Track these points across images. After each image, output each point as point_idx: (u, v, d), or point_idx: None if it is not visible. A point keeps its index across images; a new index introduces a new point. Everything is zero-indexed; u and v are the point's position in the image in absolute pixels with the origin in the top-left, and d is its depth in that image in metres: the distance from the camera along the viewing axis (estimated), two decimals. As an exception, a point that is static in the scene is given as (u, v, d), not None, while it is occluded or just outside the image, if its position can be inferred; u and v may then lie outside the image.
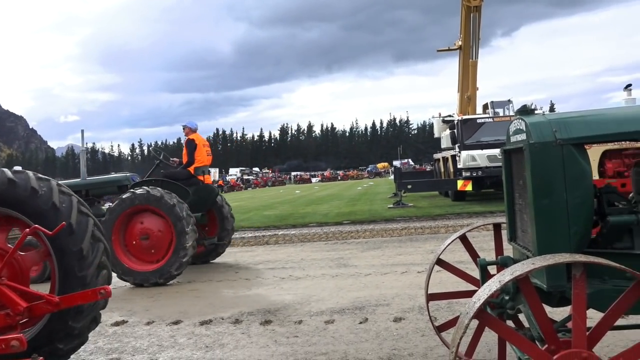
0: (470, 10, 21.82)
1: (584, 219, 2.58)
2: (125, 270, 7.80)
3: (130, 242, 8.02)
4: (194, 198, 8.70)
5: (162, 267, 7.70)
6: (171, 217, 7.72)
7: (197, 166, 8.91)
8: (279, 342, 4.66)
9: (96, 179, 10.21)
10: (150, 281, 7.67)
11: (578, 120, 2.71)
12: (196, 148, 8.95)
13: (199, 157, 8.96)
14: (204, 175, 9.00)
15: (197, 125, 9.42)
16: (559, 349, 2.14)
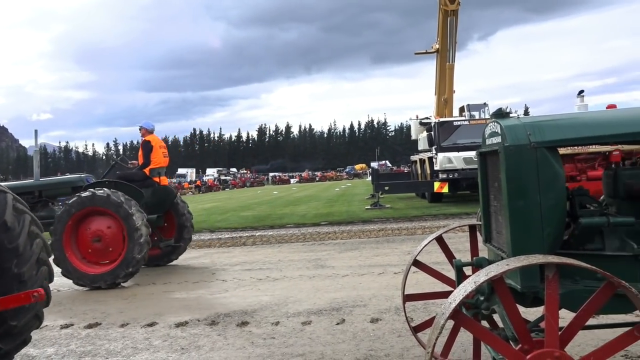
0: (447, 14, 22.08)
1: (557, 221, 2.63)
2: (79, 274, 7.69)
3: (83, 246, 7.94)
4: (151, 200, 8.72)
5: (116, 267, 7.62)
6: (121, 215, 7.66)
7: (153, 168, 8.87)
8: (255, 343, 4.64)
9: (49, 180, 10.08)
10: (107, 282, 7.58)
11: (551, 124, 2.76)
12: (152, 150, 8.91)
13: (155, 158, 8.92)
14: (160, 176, 8.98)
15: (153, 127, 9.35)
16: (532, 349, 2.17)
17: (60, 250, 7.72)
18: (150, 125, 9.27)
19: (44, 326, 5.67)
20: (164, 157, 9.15)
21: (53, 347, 4.91)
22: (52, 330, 5.50)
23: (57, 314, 6.26)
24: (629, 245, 2.67)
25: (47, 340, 5.15)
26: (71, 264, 7.72)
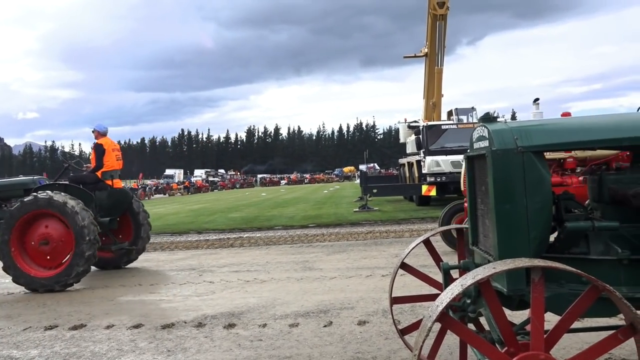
0: (436, 18, 22.24)
1: (543, 225, 2.66)
2: (29, 278, 7.63)
3: (31, 249, 7.90)
4: (106, 202, 8.76)
5: (66, 269, 7.59)
6: (66, 216, 7.65)
7: (105, 170, 8.89)
8: (242, 345, 4.62)
9: (0, 182, 10.01)
10: (59, 284, 7.55)
11: (538, 129, 2.79)
12: (105, 152, 8.93)
13: (107, 161, 8.94)
14: (113, 179, 8.98)
15: (106, 129, 9.36)
16: (517, 352, 2.19)
17: (8, 255, 7.69)
18: (103, 128, 9.29)
19: (28, 327, 5.61)
20: (117, 160, 9.17)
21: (37, 349, 4.85)
22: (35, 332, 5.43)
23: (41, 315, 6.18)
24: (613, 249, 2.70)
25: (30, 342, 5.08)
26: (20, 269, 7.66)
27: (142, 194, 46.79)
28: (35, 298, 7.21)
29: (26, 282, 7.62)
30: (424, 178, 18.03)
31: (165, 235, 14.83)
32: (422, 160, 18.26)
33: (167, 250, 11.72)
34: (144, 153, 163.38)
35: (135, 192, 47.94)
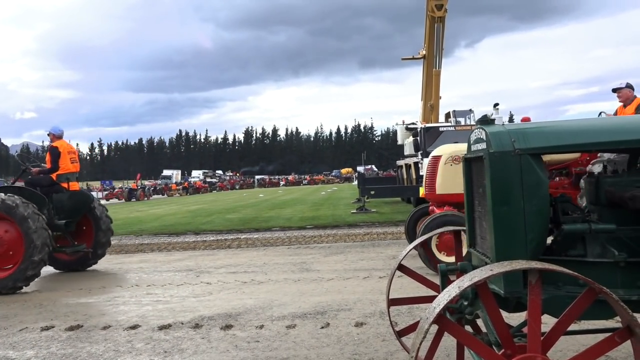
0: (434, 20, 22.28)
1: (540, 227, 2.66)
2: None
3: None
4: (65, 205, 8.84)
5: (15, 272, 7.59)
6: (16, 218, 7.68)
7: (60, 173, 8.92)
8: (239, 347, 4.62)
9: None
10: (8, 287, 7.54)
11: (535, 131, 2.79)
12: (60, 155, 8.97)
13: (62, 164, 8.98)
14: (69, 182, 9.02)
15: (62, 132, 9.38)
16: (514, 354, 2.19)
17: None
18: (58, 131, 9.31)
19: (24, 328, 5.59)
20: (73, 162, 9.22)
21: (33, 350, 4.83)
22: (32, 332, 5.42)
23: (38, 315, 6.17)
24: (610, 251, 2.71)
25: (26, 343, 5.07)
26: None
27: (142, 194, 46.73)
28: (32, 298, 7.19)
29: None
30: (422, 180, 18.01)
31: (162, 236, 14.81)
32: (420, 162, 18.26)
33: (165, 251, 11.70)
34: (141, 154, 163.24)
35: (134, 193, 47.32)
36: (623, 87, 7.90)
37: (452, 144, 8.57)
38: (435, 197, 8.29)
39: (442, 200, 8.25)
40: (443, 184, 8.10)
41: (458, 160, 8.07)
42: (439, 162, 8.21)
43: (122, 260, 10.59)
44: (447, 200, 8.18)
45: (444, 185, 8.09)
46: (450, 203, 8.20)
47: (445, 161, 8.17)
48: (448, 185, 8.06)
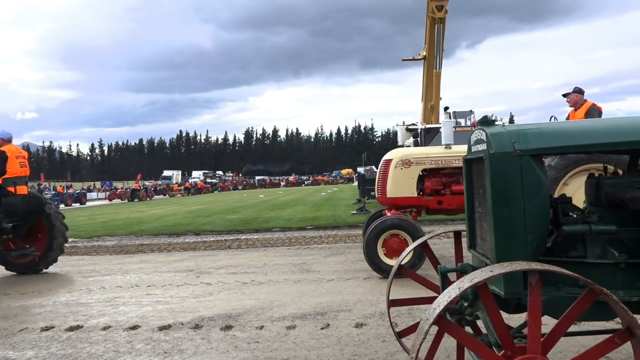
0: (434, 21, 22.25)
1: (540, 228, 2.66)
2: None
3: None
4: (17, 208, 8.91)
5: None
6: None
7: (7, 177, 8.98)
8: (239, 347, 4.61)
9: None
10: None
11: (536, 132, 2.79)
12: (7, 159, 9.02)
13: (10, 168, 9.03)
14: (15, 186, 9.05)
15: (10, 136, 9.45)
16: (514, 355, 2.19)
17: None
18: (7, 135, 9.37)
19: (24, 328, 5.59)
20: (22, 166, 9.26)
21: (33, 350, 4.83)
22: (32, 333, 5.42)
23: (38, 315, 6.16)
24: (611, 253, 2.71)
25: (26, 343, 5.07)
26: None
27: (144, 194, 46.98)
28: (32, 299, 7.19)
29: None
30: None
31: (162, 237, 14.81)
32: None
33: (165, 252, 11.70)
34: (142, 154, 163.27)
35: (137, 193, 47.63)
36: (571, 93, 8.06)
37: (403, 148, 8.58)
38: (386, 201, 8.34)
39: (393, 204, 8.31)
40: (393, 187, 8.15)
41: (408, 164, 8.16)
42: (390, 165, 8.25)
43: (122, 261, 10.59)
44: (397, 203, 8.25)
45: (393, 189, 8.15)
46: (400, 206, 8.29)
47: (395, 165, 8.21)
48: (398, 189, 8.14)
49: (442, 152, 8.29)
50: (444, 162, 8.19)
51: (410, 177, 8.11)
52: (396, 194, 8.14)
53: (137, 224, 18.60)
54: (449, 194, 8.18)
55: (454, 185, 8.20)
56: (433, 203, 8.15)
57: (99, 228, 17.97)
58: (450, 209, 8.22)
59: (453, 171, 8.26)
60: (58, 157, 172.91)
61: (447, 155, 8.22)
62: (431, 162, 8.18)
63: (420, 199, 8.16)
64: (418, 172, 8.16)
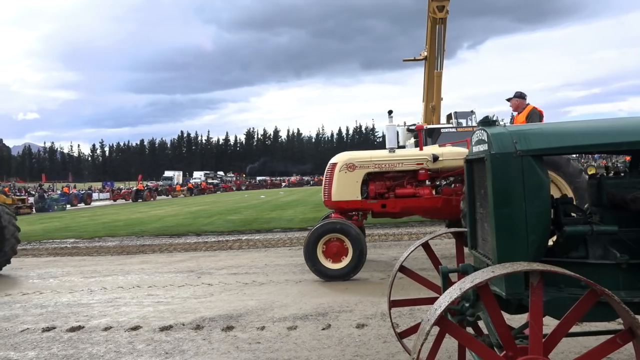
0: (436, 22, 22.24)
1: (542, 229, 2.65)
2: None
3: None
4: None
5: None
6: None
7: None
8: (240, 348, 4.61)
9: None
10: None
11: (537, 133, 2.79)
12: None
13: None
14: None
15: None
16: (516, 355, 2.19)
17: None
18: None
19: (25, 329, 5.59)
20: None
21: (34, 351, 4.83)
22: (33, 334, 5.42)
23: (39, 316, 6.17)
24: (612, 253, 2.70)
25: (28, 344, 5.07)
26: None
27: (148, 195, 47.43)
28: (33, 299, 7.19)
29: None
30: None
31: (163, 237, 14.82)
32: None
33: (166, 252, 11.71)
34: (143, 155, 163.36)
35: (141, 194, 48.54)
36: (513, 97, 8.18)
37: (349, 152, 8.72)
38: (331, 204, 8.38)
39: (337, 207, 8.34)
40: (337, 191, 8.19)
41: (352, 168, 8.18)
42: (335, 169, 8.28)
43: (123, 262, 10.60)
44: (342, 207, 8.27)
45: (338, 193, 8.19)
46: (345, 210, 8.31)
47: (340, 169, 8.24)
48: (342, 193, 8.17)
49: (385, 156, 8.33)
50: (387, 166, 8.23)
51: (354, 181, 8.16)
52: (340, 198, 8.18)
53: (138, 225, 18.61)
54: (393, 197, 8.23)
55: (398, 189, 8.27)
56: (377, 206, 8.20)
57: (101, 229, 17.98)
58: (394, 212, 8.26)
59: (397, 175, 8.34)
60: (59, 158, 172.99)
61: (391, 159, 8.28)
62: (375, 166, 8.21)
63: (364, 202, 8.21)
64: (362, 176, 8.21)
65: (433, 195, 8.25)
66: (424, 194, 8.15)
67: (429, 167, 8.17)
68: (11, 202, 31.62)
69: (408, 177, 8.29)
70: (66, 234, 16.70)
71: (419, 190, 8.20)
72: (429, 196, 8.17)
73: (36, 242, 15.40)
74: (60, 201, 37.74)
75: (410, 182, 8.28)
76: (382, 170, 8.22)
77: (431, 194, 8.25)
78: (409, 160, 8.22)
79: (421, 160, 8.18)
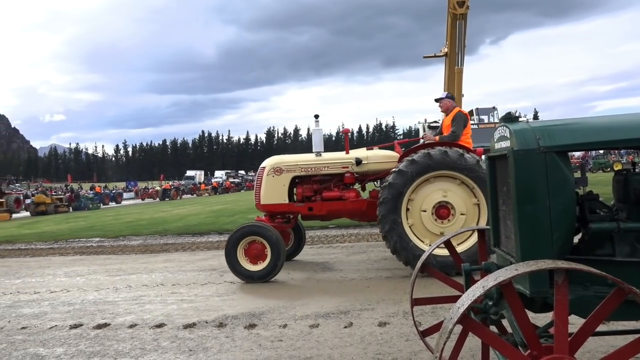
0: (456, 17, 22.01)
1: (566, 226, 2.62)
2: None
3: None
4: None
5: None
6: None
7: None
8: (263, 346, 4.65)
9: None
10: None
11: (561, 128, 2.75)
12: None
13: None
14: None
15: None
16: (541, 354, 2.16)
17: None
18: None
19: (54, 326, 5.72)
20: None
21: (62, 347, 4.94)
22: (61, 330, 5.54)
23: (67, 314, 6.30)
24: (640, 251, 2.65)
25: (56, 340, 5.19)
26: None
27: (175, 194, 48.98)
28: (60, 297, 7.35)
29: None
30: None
31: (186, 236, 14.99)
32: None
33: (189, 251, 11.84)
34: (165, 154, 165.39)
35: (168, 193, 50.85)
36: (443, 98, 8.27)
37: (278, 156, 8.88)
38: (260, 207, 8.51)
39: (266, 210, 8.47)
40: (266, 194, 8.32)
41: (279, 171, 8.30)
42: (263, 173, 8.43)
43: (147, 260, 10.75)
44: (270, 210, 8.40)
45: (266, 196, 8.31)
46: (273, 213, 8.44)
47: (267, 172, 8.36)
48: (270, 196, 8.29)
49: (312, 159, 8.42)
50: (313, 170, 8.35)
51: (282, 185, 8.29)
52: (269, 201, 8.31)
53: (161, 224, 18.85)
54: (320, 200, 8.32)
55: (325, 192, 8.37)
56: (304, 209, 8.32)
57: (125, 228, 18.27)
58: (320, 214, 8.38)
59: (323, 178, 8.44)
60: (84, 159, 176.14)
61: (317, 162, 8.37)
62: (301, 170, 8.33)
63: (291, 205, 8.33)
64: (289, 180, 8.33)
65: (359, 198, 8.37)
66: (350, 197, 8.29)
67: (354, 171, 8.31)
68: (50, 202, 34.01)
69: (335, 180, 8.44)
70: (92, 233, 17.02)
71: (345, 193, 8.34)
72: (355, 199, 8.30)
73: (63, 241, 15.74)
74: (95, 200, 40.87)
75: (337, 186, 8.43)
76: (308, 174, 8.38)
77: (357, 197, 8.39)
78: (334, 164, 8.36)
79: (346, 164, 8.32)
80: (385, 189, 7.28)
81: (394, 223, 7.22)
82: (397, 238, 7.21)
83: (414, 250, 7.14)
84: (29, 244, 15.70)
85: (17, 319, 6.16)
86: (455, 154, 7.23)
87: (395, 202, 7.22)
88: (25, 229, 20.90)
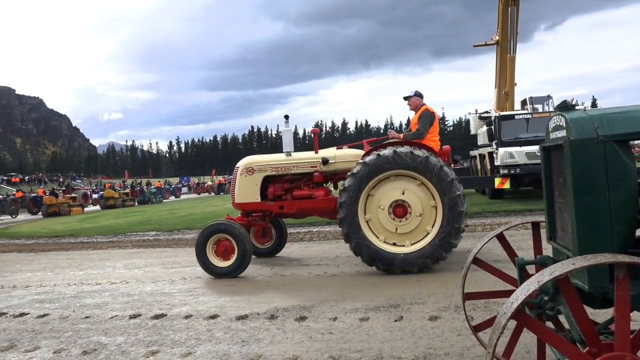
0: (507, 4, 21.33)
1: (628, 218, 2.50)
2: None
3: None
4: None
5: None
6: None
7: None
8: (313, 338, 4.70)
9: None
10: None
11: (622, 116, 2.62)
12: None
13: None
14: None
15: None
16: (600, 352, 2.08)
17: None
18: None
19: (114, 316, 5.99)
20: None
21: (123, 336, 5.17)
22: (121, 320, 5.80)
23: (126, 304, 6.58)
24: None
25: (117, 330, 5.43)
26: None
27: (229, 188, 51.50)
28: (120, 288, 7.68)
29: None
30: (497, 170, 17.41)
31: (237, 230, 15.28)
32: (495, 152, 17.64)
33: (240, 244, 12.06)
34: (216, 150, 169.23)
35: (223, 187, 54.83)
36: (412, 96, 8.12)
37: (251, 156, 9.06)
38: (235, 206, 8.73)
39: (240, 209, 8.69)
40: (239, 193, 8.58)
41: (251, 171, 8.55)
42: (237, 173, 8.66)
43: (200, 253, 11.03)
44: (244, 208, 8.64)
45: (240, 195, 8.58)
46: (247, 211, 8.67)
47: (241, 172, 8.60)
48: (243, 195, 8.54)
49: (282, 159, 8.61)
50: (283, 169, 8.54)
51: (254, 184, 8.52)
52: (242, 200, 8.58)
53: (214, 218, 19.29)
54: (290, 199, 8.49)
55: (295, 191, 8.55)
56: (275, 208, 8.49)
57: (179, 222, 18.84)
58: (291, 213, 8.56)
59: (294, 177, 8.61)
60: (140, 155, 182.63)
61: (287, 162, 8.55)
62: (272, 169, 8.54)
63: (263, 204, 8.52)
64: (261, 179, 8.55)
65: (328, 196, 8.47)
66: (319, 196, 8.42)
67: (322, 170, 8.43)
68: (118, 196, 37.02)
69: (305, 179, 8.58)
70: (148, 227, 17.65)
71: (314, 192, 8.47)
72: (324, 197, 8.42)
73: (122, 234, 16.42)
74: (157, 194, 44.42)
75: (307, 184, 8.56)
76: (279, 174, 8.58)
77: (326, 195, 8.49)
78: (303, 164, 8.52)
79: (314, 163, 8.46)
80: (343, 192, 7.47)
81: (352, 224, 7.35)
82: (357, 240, 7.35)
83: (369, 247, 7.31)
84: (91, 237, 16.48)
85: (81, 309, 6.49)
86: (406, 153, 7.30)
87: (352, 205, 7.37)
88: (87, 224, 21.92)
